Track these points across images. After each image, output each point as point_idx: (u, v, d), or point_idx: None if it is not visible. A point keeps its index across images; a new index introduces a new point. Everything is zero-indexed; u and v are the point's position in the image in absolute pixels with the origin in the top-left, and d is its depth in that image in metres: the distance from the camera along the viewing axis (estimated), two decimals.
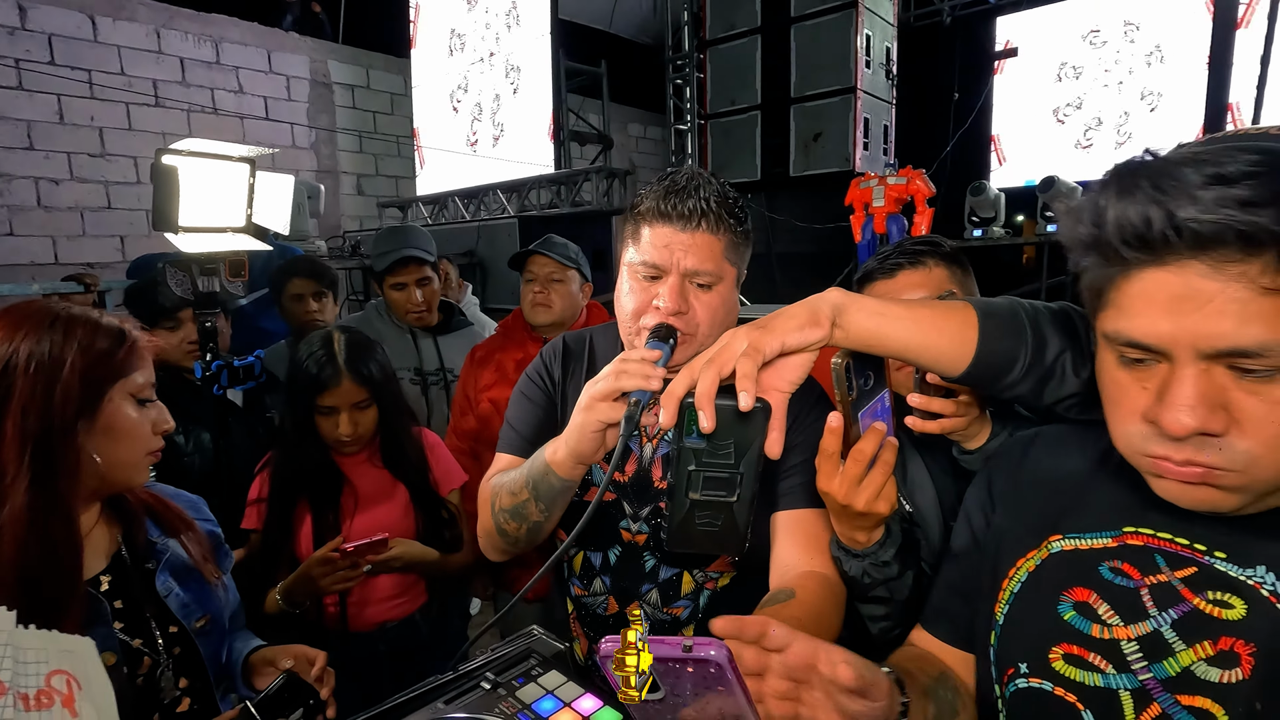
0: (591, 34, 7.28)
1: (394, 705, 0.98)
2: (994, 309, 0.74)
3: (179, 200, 1.32)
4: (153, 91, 6.01)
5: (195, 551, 1.08)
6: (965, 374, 0.73)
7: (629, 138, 9.44)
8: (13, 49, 5.30)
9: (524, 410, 1.18)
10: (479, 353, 2.17)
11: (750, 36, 6.92)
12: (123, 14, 5.83)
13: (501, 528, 1.08)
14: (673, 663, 0.49)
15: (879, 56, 6.60)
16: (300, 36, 6.98)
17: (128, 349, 0.96)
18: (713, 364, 0.65)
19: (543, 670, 1.06)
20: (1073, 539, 0.72)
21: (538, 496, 1.02)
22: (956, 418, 0.96)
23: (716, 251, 1.01)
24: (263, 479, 1.52)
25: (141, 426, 0.97)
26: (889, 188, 3.45)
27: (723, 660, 0.48)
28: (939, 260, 1.16)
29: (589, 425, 0.90)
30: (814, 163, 6.70)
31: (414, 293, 2.28)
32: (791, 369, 0.69)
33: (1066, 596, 0.69)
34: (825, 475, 0.78)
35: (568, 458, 0.95)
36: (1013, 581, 0.74)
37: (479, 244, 5.68)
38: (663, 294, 1.00)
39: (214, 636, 1.07)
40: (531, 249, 2.10)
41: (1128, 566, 0.67)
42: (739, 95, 7.12)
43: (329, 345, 1.50)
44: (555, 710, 0.96)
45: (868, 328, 0.70)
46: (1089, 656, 0.66)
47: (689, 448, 0.66)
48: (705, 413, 0.62)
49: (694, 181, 1.02)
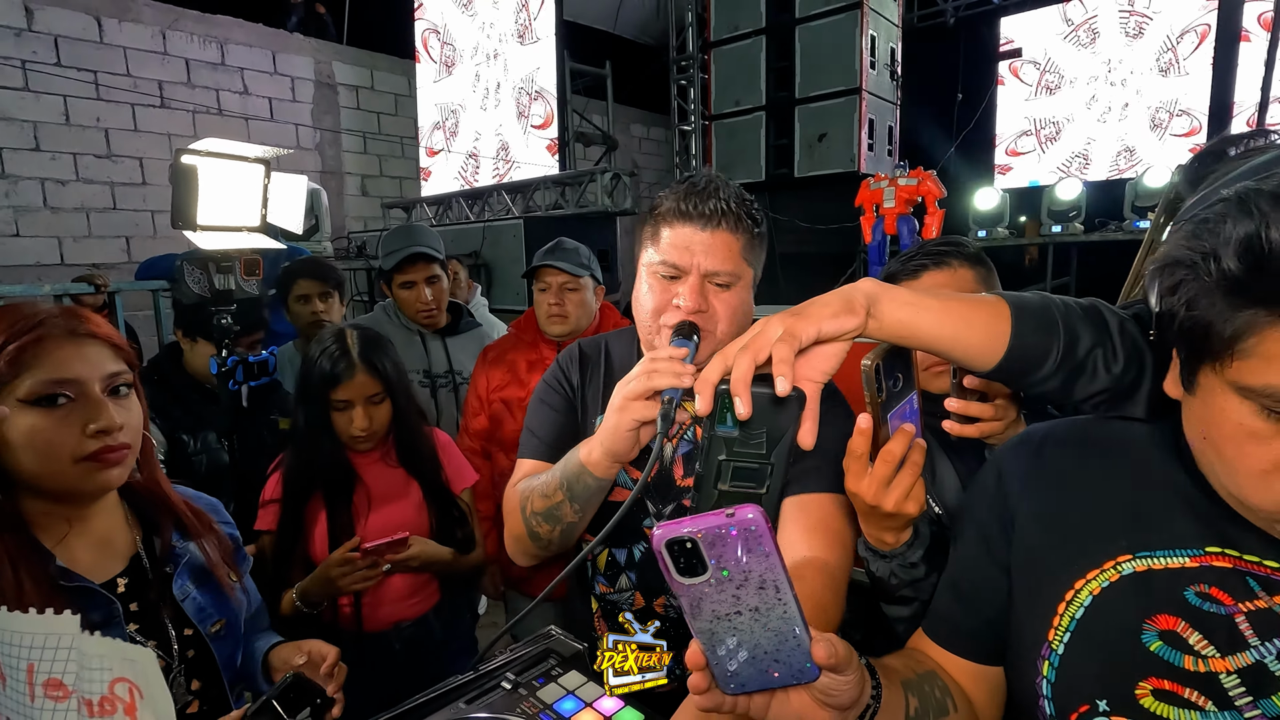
0: (595, 35, 7.28)
1: (415, 705, 0.98)
2: (1026, 303, 0.72)
3: (198, 199, 1.32)
4: (158, 93, 6.02)
5: (214, 554, 1.07)
6: (997, 368, 0.72)
7: (631, 139, 9.44)
8: (19, 50, 5.31)
9: (544, 416, 1.20)
10: (491, 353, 2.17)
11: (755, 37, 6.94)
12: (128, 15, 5.84)
13: (534, 531, 1.09)
14: (720, 529, 0.52)
15: (884, 57, 6.61)
16: (305, 38, 6.99)
17: (14, 351, 0.87)
18: (748, 350, 0.63)
19: (562, 670, 1.06)
20: (1145, 558, 0.66)
21: (573, 497, 1.03)
22: (994, 422, 0.95)
23: (735, 251, 1.03)
24: (276, 479, 1.53)
25: (47, 431, 0.87)
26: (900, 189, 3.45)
27: (760, 521, 0.52)
28: (964, 261, 1.16)
29: (623, 424, 0.92)
30: (819, 163, 6.71)
31: (423, 291, 2.28)
32: (824, 358, 0.67)
33: (1150, 625, 0.64)
34: (854, 476, 0.78)
35: (603, 457, 0.97)
36: (1073, 606, 0.68)
37: (484, 245, 5.68)
38: (683, 293, 1.01)
39: (229, 640, 1.07)
40: (543, 262, 2.09)
41: (1216, 591, 0.62)
42: (743, 96, 7.12)
43: (342, 340, 1.50)
44: (577, 710, 0.96)
45: (900, 318, 0.69)
46: (1184, 692, 0.61)
47: (720, 436, 0.65)
48: (741, 399, 0.61)
49: (713, 183, 1.05)
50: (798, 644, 0.56)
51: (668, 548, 0.53)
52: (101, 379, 0.92)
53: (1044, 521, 0.74)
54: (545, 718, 0.95)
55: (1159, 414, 0.72)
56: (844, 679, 0.58)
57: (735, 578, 0.53)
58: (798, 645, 0.56)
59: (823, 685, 0.58)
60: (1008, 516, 0.77)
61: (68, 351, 0.90)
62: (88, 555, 0.96)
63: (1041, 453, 0.77)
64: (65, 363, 0.89)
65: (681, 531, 0.52)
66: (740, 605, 0.54)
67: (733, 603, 0.54)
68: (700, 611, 0.55)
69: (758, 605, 0.54)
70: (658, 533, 0.53)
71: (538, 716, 0.95)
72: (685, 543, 0.53)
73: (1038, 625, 0.70)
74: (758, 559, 0.52)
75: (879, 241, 5.16)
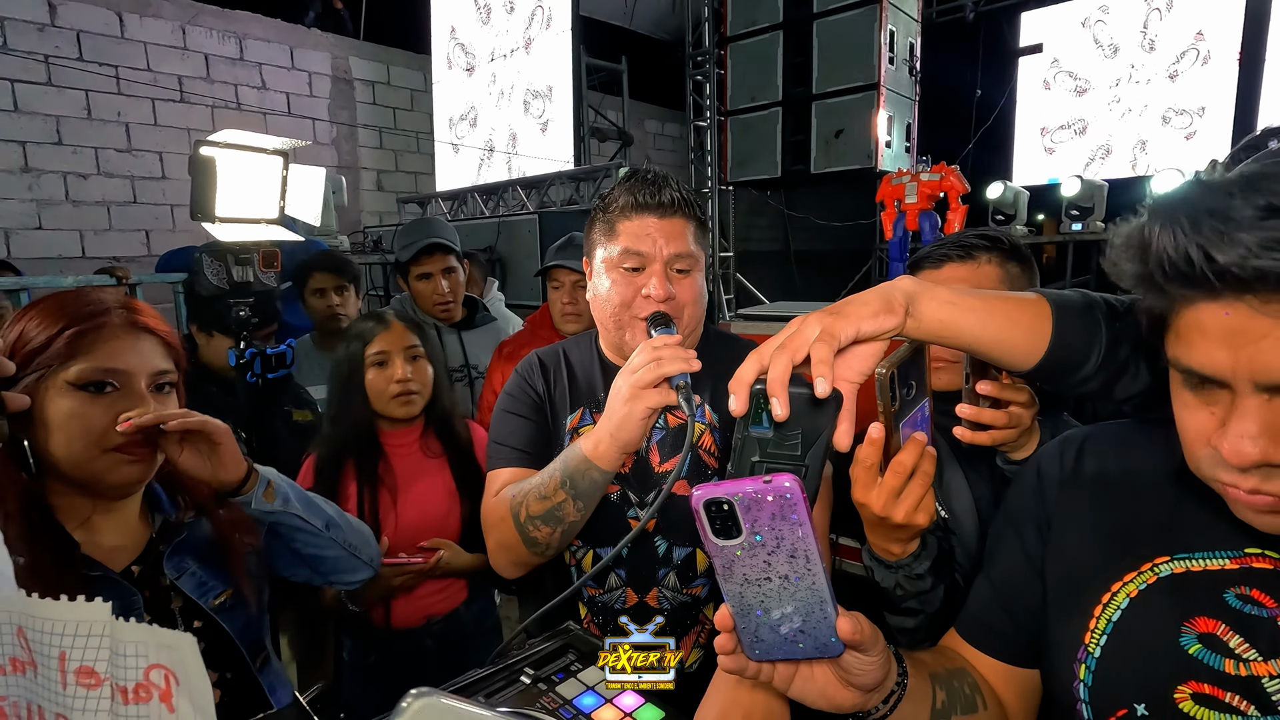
0: (611, 30, 7.27)
1: None
2: (1068, 302, 0.71)
3: (216, 191, 1.32)
4: (178, 87, 6.08)
5: (224, 519, 1.05)
6: (1037, 368, 0.70)
7: (646, 135, 9.42)
8: (42, 45, 5.38)
9: (513, 425, 1.19)
10: (507, 348, 2.17)
11: (772, 32, 6.88)
12: (149, 11, 5.90)
13: (530, 536, 1.07)
14: (756, 494, 0.53)
15: (902, 52, 6.53)
16: (322, 33, 7.03)
17: (72, 335, 0.88)
18: (785, 349, 0.62)
19: (581, 666, 1.05)
20: (1183, 560, 0.66)
21: (577, 495, 1.02)
22: (1007, 429, 0.93)
23: (692, 238, 1.09)
24: (309, 465, 1.52)
25: (85, 418, 0.88)
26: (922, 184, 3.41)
27: (796, 489, 0.53)
28: (993, 257, 1.13)
29: (636, 413, 0.94)
30: (835, 160, 6.65)
31: (439, 283, 2.28)
32: (861, 358, 0.66)
33: (1189, 628, 0.63)
34: (863, 486, 0.75)
35: (612, 448, 0.98)
36: (1109, 609, 0.68)
37: (498, 240, 5.69)
38: (651, 283, 1.05)
39: (240, 610, 1.04)
40: (554, 262, 2.08)
41: (1258, 593, 0.61)
42: (759, 92, 7.08)
43: (374, 313, 1.54)
44: (597, 706, 0.95)
45: (940, 317, 0.67)
46: (1225, 696, 0.60)
47: (754, 437, 0.63)
48: (779, 399, 0.60)
49: (661, 174, 1.10)
50: (824, 616, 0.57)
51: (705, 508, 0.54)
52: (149, 374, 0.94)
53: (1082, 524, 0.73)
54: (565, 713, 0.93)
55: None
56: (868, 659, 0.59)
57: (768, 543, 0.55)
58: (824, 618, 0.57)
59: (846, 663, 0.59)
60: (1045, 519, 0.76)
61: (123, 342, 0.92)
62: (107, 541, 0.96)
63: (1082, 455, 0.76)
64: (118, 353, 0.91)
65: (719, 493, 0.54)
66: (771, 572, 0.56)
67: (764, 568, 0.56)
68: (732, 574, 0.56)
69: (787, 574, 0.56)
70: (697, 493, 0.54)
71: (558, 711, 0.94)
72: (723, 504, 0.54)
73: (1074, 628, 0.69)
74: (791, 527, 0.54)
75: (900, 237, 5.10)
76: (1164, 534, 0.67)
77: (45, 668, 0.36)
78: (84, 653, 0.35)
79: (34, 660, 0.36)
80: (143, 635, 0.34)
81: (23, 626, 0.36)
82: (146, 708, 0.35)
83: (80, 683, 0.35)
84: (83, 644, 0.35)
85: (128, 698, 0.34)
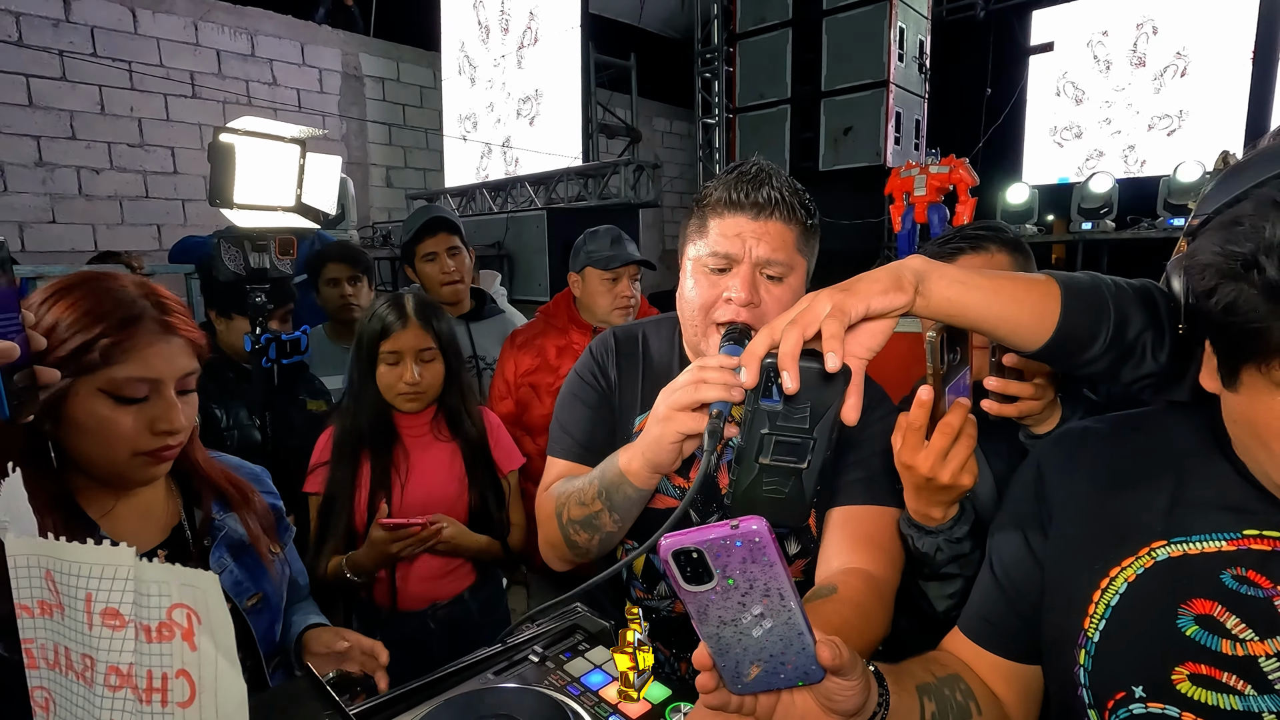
0: (620, 28, 7.27)
1: (444, 675, 0.99)
2: (1076, 283, 0.72)
3: (235, 177, 1.34)
4: (190, 83, 6.12)
5: (254, 526, 1.07)
6: (1044, 348, 0.71)
7: (654, 132, 9.42)
8: (57, 40, 5.44)
9: (577, 414, 1.14)
10: (520, 337, 2.18)
11: (781, 29, 6.88)
12: (162, 7, 5.95)
13: (571, 539, 1.05)
14: (724, 540, 0.53)
15: (912, 49, 6.52)
16: (333, 30, 7.07)
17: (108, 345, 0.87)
18: (796, 324, 0.63)
19: (589, 645, 1.06)
20: (1180, 543, 0.66)
21: (612, 507, 0.99)
22: (1032, 401, 0.94)
23: (789, 241, 0.99)
24: (325, 441, 1.54)
25: (116, 424, 0.88)
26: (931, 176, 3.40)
27: (764, 533, 0.53)
28: (1001, 246, 1.14)
29: (667, 436, 0.86)
30: (844, 157, 6.64)
31: (445, 260, 2.30)
32: (871, 335, 0.67)
33: (1185, 609, 0.64)
34: (910, 448, 0.77)
35: (643, 468, 0.92)
36: (1107, 594, 0.68)
37: (507, 236, 5.71)
38: (734, 285, 0.97)
39: (265, 614, 1.06)
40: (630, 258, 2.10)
41: (1254, 574, 0.62)
42: (768, 89, 7.07)
43: (398, 300, 1.53)
44: (605, 684, 0.96)
45: (948, 296, 0.68)
46: (1222, 676, 0.61)
47: (764, 410, 0.65)
48: (789, 373, 0.61)
49: (765, 172, 1.00)
50: (803, 647, 0.57)
51: (674, 557, 0.54)
52: (177, 379, 0.93)
53: (1081, 512, 0.73)
54: (573, 690, 0.95)
55: (1204, 398, 0.70)
56: (848, 683, 0.58)
57: (740, 586, 0.54)
58: (803, 648, 0.57)
59: (827, 689, 0.58)
60: (1046, 510, 0.77)
61: (157, 349, 0.91)
62: (130, 526, 0.97)
63: (1081, 446, 0.77)
64: (151, 361, 0.90)
65: (687, 543, 0.53)
66: (746, 611, 0.56)
67: (738, 609, 0.55)
68: (707, 617, 0.56)
69: (763, 611, 0.55)
70: (664, 543, 0.54)
71: (565, 689, 0.95)
72: (691, 553, 0.54)
73: (1074, 615, 0.70)
74: (762, 569, 0.53)
75: (909, 230, 5.09)
76: (1162, 519, 0.68)
77: (72, 609, 0.37)
78: (109, 595, 0.36)
79: (61, 603, 0.37)
80: (166, 575, 0.36)
81: (51, 570, 0.37)
82: (169, 645, 0.36)
83: (106, 624, 0.36)
84: (109, 586, 0.36)
85: (151, 636, 0.36)
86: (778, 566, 0.53)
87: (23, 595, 0.38)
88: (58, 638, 0.38)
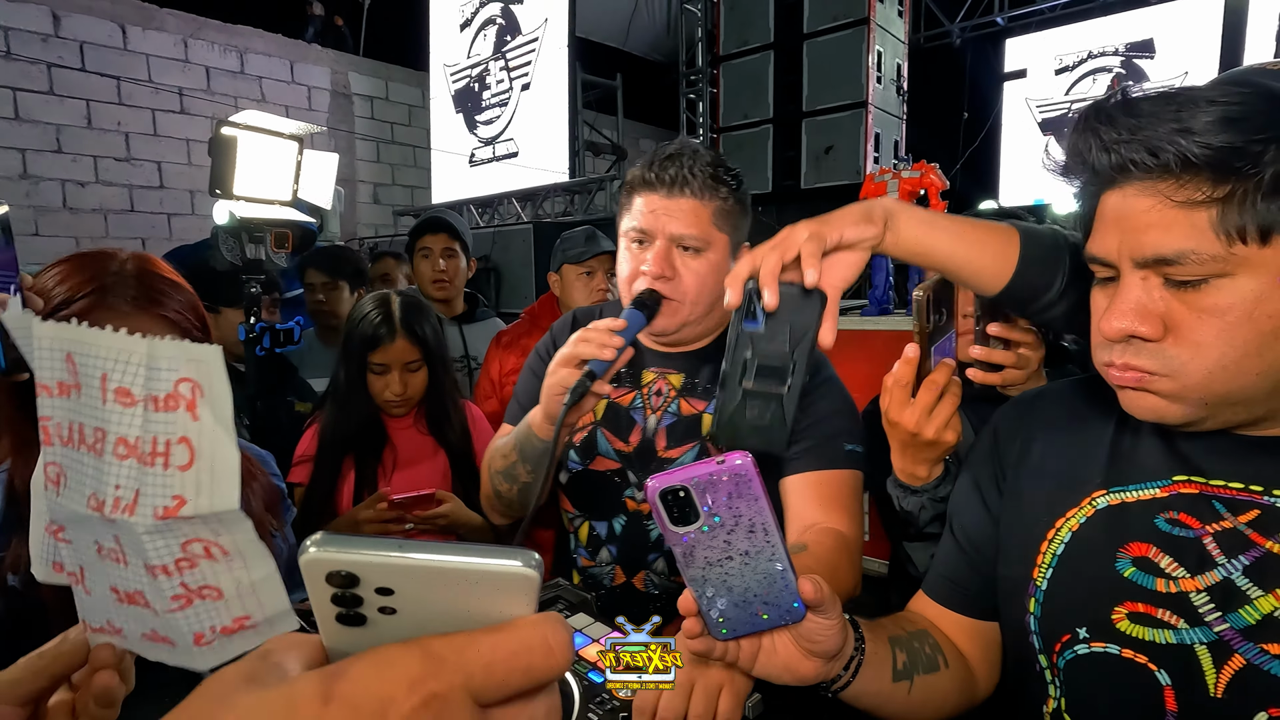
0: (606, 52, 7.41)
1: None
2: (1036, 233, 0.77)
3: (235, 169, 1.38)
4: (178, 99, 6.15)
5: (257, 504, 1.08)
6: (1003, 292, 0.76)
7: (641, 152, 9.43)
8: (46, 54, 5.45)
9: (528, 384, 1.22)
10: (505, 338, 2.22)
11: (763, 52, 7.04)
12: (153, 24, 5.99)
13: (496, 489, 1.15)
14: (711, 476, 0.54)
15: (890, 72, 6.70)
16: (322, 48, 7.14)
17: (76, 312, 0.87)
18: (776, 249, 0.69)
19: (570, 613, 1.09)
20: (1118, 492, 0.69)
21: (524, 458, 1.07)
22: (1016, 369, 0.97)
23: (703, 217, 1.06)
24: (311, 435, 1.56)
25: None
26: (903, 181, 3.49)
27: (749, 466, 0.53)
28: None
29: (552, 389, 0.96)
30: (825, 175, 6.78)
31: (437, 260, 2.33)
32: (844, 265, 0.72)
33: (1123, 553, 0.67)
34: (897, 405, 0.81)
35: (543, 420, 1.01)
36: (1054, 544, 0.71)
37: (494, 250, 5.75)
38: (649, 258, 1.05)
39: None
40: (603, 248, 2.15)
41: (1185, 516, 0.65)
42: (751, 109, 7.22)
43: (386, 305, 1.54)
44: (585, 645, 0.99)
45: (916, 234, 0.73)
46: (1157, 613, 0.64)
47: (747, 333, 0.69)
48: (769, 290, 0.66)
49: (682, 151, 1.08)
50: (785, 584, 0.58)
51: (661, 498, 0.55)
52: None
53: (1031, 468, 0.77)
54: None
55: None
56: (827, 621, 0.61)
57: (726, 523, 0.55)
58: (785, 586, 0.58)
59: (807, 629, 0.61)
60: (1000, 472, 0.81)
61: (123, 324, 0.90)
62: None
63: (1033, 410, 0.82)
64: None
65: (674, 481, 0.54)
66: (731, 550, 0.56)
67: (724, 548, 0.56)
68: (693, 559, 0.57)
69: (747, 549, 0.56)
70: (651, 484, 0.55)
71: None
72: (678, 492, 0.54)
73: (1025, 566, 0.73)
74: (747, 503, 0.54)
75: None
76: (1102, 471, 0.72)
77: (88, 388, 0.39)
78: (123, 376, 0.38)
79: (79, 383, 0.39)
80: (175, 350, 0.38)
81: (71, 352, 0.39)
82: (173, 415, 0.38)
83: (118, 400, 0.39)
84: (122, 368, 0.38)
85: (158, 406, 0.38)
86: (762, 501, 0.54)
87: (44, 376, 0.40)
88: (73, 416, 0.40)
